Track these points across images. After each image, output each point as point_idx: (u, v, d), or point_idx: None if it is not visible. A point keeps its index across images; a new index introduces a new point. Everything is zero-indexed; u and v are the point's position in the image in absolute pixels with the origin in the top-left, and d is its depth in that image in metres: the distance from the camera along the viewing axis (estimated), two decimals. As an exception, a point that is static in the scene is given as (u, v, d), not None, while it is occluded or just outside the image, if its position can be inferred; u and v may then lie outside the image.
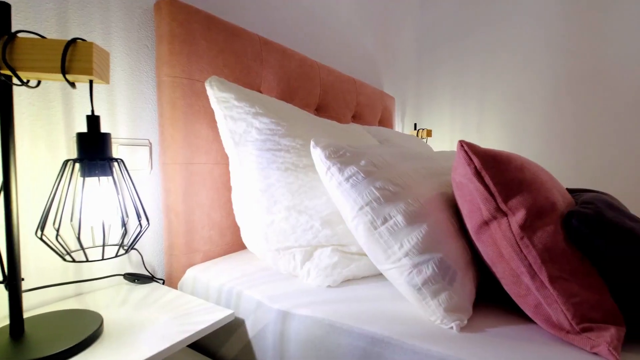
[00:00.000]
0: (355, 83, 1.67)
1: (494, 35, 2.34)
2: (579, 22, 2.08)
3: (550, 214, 0.61)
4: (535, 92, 2.23)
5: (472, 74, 2.44)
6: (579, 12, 2.07)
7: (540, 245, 0.58)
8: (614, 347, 0.51)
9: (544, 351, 0.54)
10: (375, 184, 0.67)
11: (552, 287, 0.56)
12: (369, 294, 0.75)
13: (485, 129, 2.41)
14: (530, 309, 0.59)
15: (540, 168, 0.70)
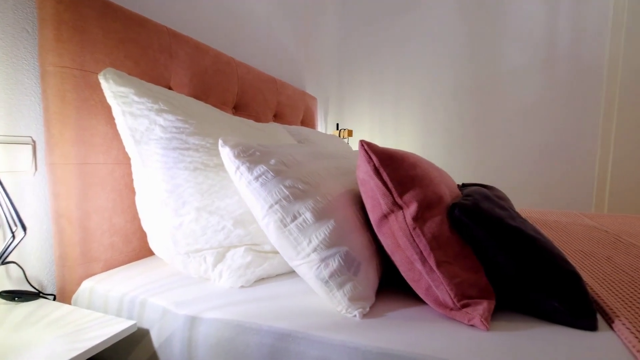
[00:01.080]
0: (276, 82, 1.68)
1: (406, 43, 2.53)
2: (476, 36, 2.36)
3: (437, 206, 0.68)
4: (441, 97, 2.48)
5: (388, 78, 2.61)
6: (477, 28, 2.35)
7: (429, 235, 0.64)
8: (485, 318, 0.59)
9: (431, 327, 0.60)
10: (284, 183, 0.69)
11: (438, 271, 0.62)
12: (281, 291, 0.76)
13: (401, 128, 2.60)
14: (423, 291, 0.66)
15: (430, 165, 0.79)
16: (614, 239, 1.19)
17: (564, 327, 0.61)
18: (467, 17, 2.37)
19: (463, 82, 2.42)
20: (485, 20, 2.33)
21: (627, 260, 0.95)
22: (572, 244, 1.14)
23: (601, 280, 0.80)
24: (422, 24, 2.48)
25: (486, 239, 0.65)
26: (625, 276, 0.83)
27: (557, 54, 2.21)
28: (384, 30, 2.59)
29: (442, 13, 2.42)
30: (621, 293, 0.73)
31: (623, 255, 1.00)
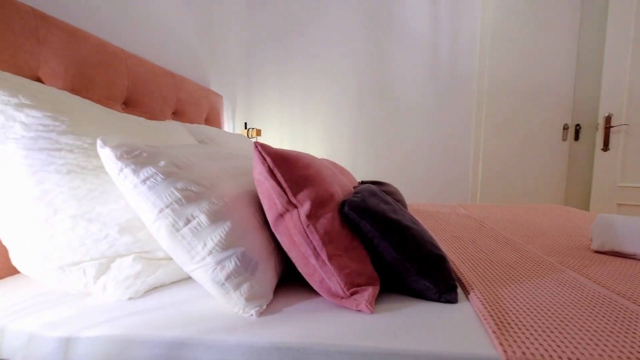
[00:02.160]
0: (174, 77, 1.58)
1: (313, 45, 2.62)
2: (375, 47, 2.56)
3: (329, 203, 0.73)
4: (346, 102, 2.63)
5: (296, 78, 2.67)
6: (375, 40, 2.55)
7: (322, 230, 0.69)
8: (370, 302, 0.66)
9: (324, 317, 0.64)
10: (176, 185, 0.66)
11: (330, 264, 0.67)
12: (176, 298, 0.73)
13: (310, 129, 2.68)
14: (317, 284, 0.70)
15: (324, 165, 0.84)
16: (479, 225, 1.42)
17: (434, 302, 0.71)
18: (366, 29, 2.56)
19: (365, 88, 2.60)
20: (382, 33, 2.55)
21: (486, 242, 1.15)
22: (448, 230, 1.33)
23: (465, 259, 0.96)
24: (326, 36, 2.59)
25: (371, 231, 0.72)
26: (483, 255, 1.00)
27: (439, 65, 2.53)
28: (291, 37, 2.64)
29: (344, 25, 2.57)
30: (479, 269, 0.88)
31: (484, 238, 1.21)
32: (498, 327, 0.58)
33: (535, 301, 0.69)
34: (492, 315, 0.62)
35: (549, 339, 0.55)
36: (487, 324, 0.60)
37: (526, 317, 0.63)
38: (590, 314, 0.64)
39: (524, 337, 0.56)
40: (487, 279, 0.81)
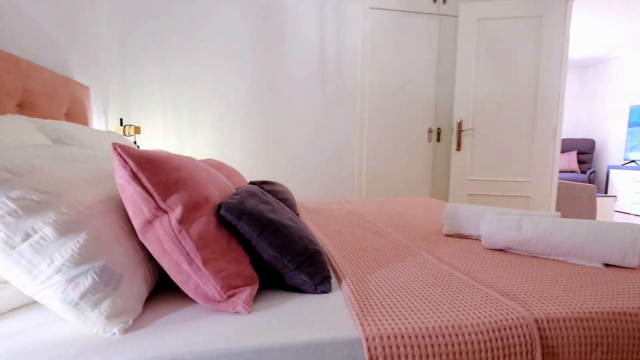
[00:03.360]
0: (19, 63, 1.31)
1: (199, 40, 2.49)
2: (268, 52, 2.56)
3: (204, 206, 0.71)
4: (239, 104, 2.57)
5: (183, 74, 2.49)
6: (267, 45, 2.56)
7: (195, 235, 0.66)
8: (247, 303, 0.67)
9: (199, 324, 0.63)
10: (9, 194, 0.55)
11: (205, 269, 0.65)
12: (13, 329, 0.61)
13: (199, 129, 2.54)
14: (192, 291, 0.67)
15: (200, 166, 0.81)
16: (360, 218, 1.56)
17: (311, 294, 0.76)
18: (257, 29, 2.54)
19: (256, 89, 2.59)
20: (273, 35, 2.57)
21: (363, 233, 1.27)
22: (333, 225, 1.43)
23: (343, 250, 1.04)
24: (215, 33, 2.49)
25: (249, 231, 0.73)
26: (359, 245, 1.11)
27: (328, 73, 2.68)
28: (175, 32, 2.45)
29: (234, 23, 2.51)
30: (353, 259, 0.97)
31: (362, 230, 1.33)
32: (361, 310, 0.66)
33: (394, 282, 0.79)
34: (357, 300, 0.70)
35: (400, 314, 0.64)
36: (352, 308, 0.66)
37: (386, 297, 0.72)
38: (434, 287, 0.76)
39: (381, 315, 0.64)
40: (359, 267, 0.90)
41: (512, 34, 2.59)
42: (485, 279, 0.83)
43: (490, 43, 2.63)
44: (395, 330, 0.59)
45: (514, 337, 0.62)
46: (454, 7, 2.84)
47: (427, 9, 2.80)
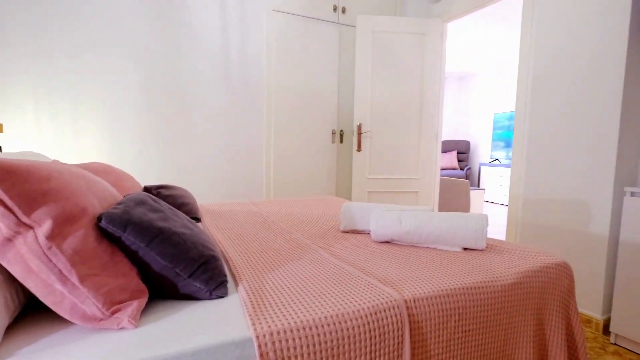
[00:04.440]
0: None
1: (83, 28, 2.20)
2: (165, 46, 2.39)
3: (81, 218, 0.66)
4: (130, 102, 2.34)
5: (62, 66, 2.17)
6: (164, 39, 2.38)
7: (70, 251, 0.61)
8: (134, 317, 0.64)
9: (77, 347, 0.58)
10: None
11: (83, 286, 0.61)
12: None
13: (81, 128, 2.25)
14: (67, 312, 0.61)
15: (76, 174, 0.74)
16: (264, 220, 1.59)
17: (207, 300, 0.76)
18: (152, 21, 2.36)
19: (153, 86, 2.40)
20: (173, 31, 2.41)
21: (265, 235, 1.30)
22: (236, 227, 1.42)
23: (244, 253, 1.06)
24: (104, 27, 2.23)
25: (135, 242, 0.70)
26: (260, 247, 1.13)
27: (233, 71, 2.63)
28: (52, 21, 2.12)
29: (127, 18, 2.28)
30: (253, 260, 0.99)
31: (265, 231, 1.36)
32: (254, 310, 0.68)
33: (289, 280, 0.84)
34: (252, 301, 0.72)
35: (290, 310, 0.69)
36: (246, 309, 0.69)
37: (279, 295, 0.76)
38: (324, 281, 0.83)
39: (273, 313, 0.68)
40: (258, 268, 0.92)
41: (402, 47, 2.90)
42: (369, 269, 0.93)
43: (384, 53, 2.90)
44: (285, 325, 0.64)
45: (388, 317, 0.72)
46: (352, 17, 3.05)
47: (328, 17, 2.95)
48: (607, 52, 1.70)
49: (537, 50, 2.03)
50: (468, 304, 0.83)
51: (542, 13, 2.00)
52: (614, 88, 1.68)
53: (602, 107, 1.73)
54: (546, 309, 0.97)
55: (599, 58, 1.73)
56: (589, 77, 1.78)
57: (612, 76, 1.68)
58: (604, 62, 1.71)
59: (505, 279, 0.90)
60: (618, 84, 1.66)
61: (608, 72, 1.70)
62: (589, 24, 1.77)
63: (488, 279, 0.88)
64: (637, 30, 1.65)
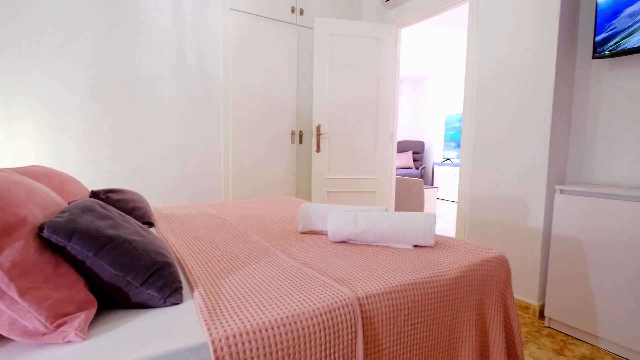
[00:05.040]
0: None
1: (19, 39, 2.02)
2: (113, 40, 2.26)
3: (20, 229, 0.62)
4: (73, 99, 2.19)
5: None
6: (112, 32, 2.25)
7: (7, 264, 0.58)
8: (81, 329, 0.62)
9: (16, 365, 0.55)
10: None
11: (23, 300, 0.58)
12: None
13: (15, 129, 2.07)
14: (6, 328, 0.58)
15: (13, 181, 0.70)
16: (221, 223, 1.57)
17: (161, 308, 0.75)
18: (102, 26, 2.22)
19: (104, 86, 2.27)
20: (123, 31, 2.29)
21: (223, 238, 1.29)
22: (193, 231, 1.39)
23: (200, 258, 1.05)
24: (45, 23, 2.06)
25: (82, 252, 0.67)
26: (217, 251, 1.13)
27: (187, 66, 2.55)
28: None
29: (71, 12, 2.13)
30: (209, 265, 0.98)
31: (223, 235, 1.35)
32: (210, 315, 0.69)
33: (247, 283, 0.85)
34: (207, 306, 0.72)
35: (247, 313, 0.70)
36: (202, 315, 0.69)
37: (236, 299, 0.77)
38: (281, 283, 0.85)
39: (229, 317, 0.69)
40: (214, 273, 0.92)
41: (359, 50, 2.98)
42: (325, 269, 0.96)
43: (342, 56, 2.96)
44: (241, 329, 0.65)
45: (342, 315, 0.76)
46: (310, 19, 3.08)
47: (287, 18, 2.96)
48: (540, 65, 1.88)
49: (482, 58, 2.18)
50: (416, 298, 0.88)
51: (485, 24, 2.16)
52: (545, 96, 1.85)
53: (535, 114, 1.90)
54: (486, 299, 1.06)
55: (533, 70, 1.91)
56: (526, 86, 1.95)
57: (544, 86, 1.86)
58: (538, 73, 1.89)
59: (450, 274, 0.97)
60: (548, 94, 1.84)
61: (541, 82, 1.87)
62: (525, 37, 1.94)
63: (434, 274, 0.95)
64: (564, 44, 1.84)
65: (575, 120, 1.94)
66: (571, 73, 1.91)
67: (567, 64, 1.88)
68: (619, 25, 1.64)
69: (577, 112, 1.93)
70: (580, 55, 1.91)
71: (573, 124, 1.95)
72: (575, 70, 1.93)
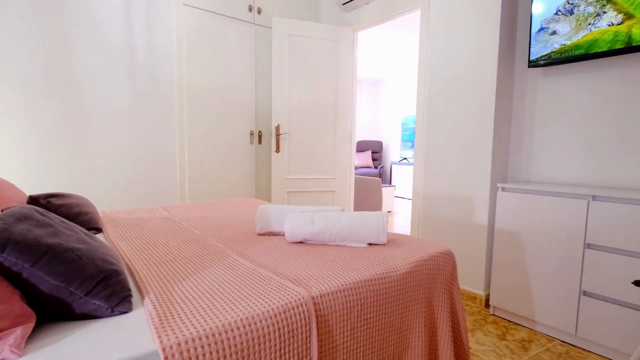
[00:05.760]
0: None
1: None
2: (50, 39, 2.10)
3: (-57, 241, 0.57)
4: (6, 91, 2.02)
5: None
6: (50, 31, 2.09)
7: None
8: (17, 345, 0.58)
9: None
10: None
11: (-52, 318, 0.53)
12: None
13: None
14: None
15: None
16: (176, 226, 1.53)
17: (109, 318, 0.72)
18: (37, 21, 2.06)
19: (38, 87, 2.10)
20: (62, 25, 2.14)
21: (177, 242, 1.26)
22: (145, 236, 1.34)
23: (152, 264, 1.01)
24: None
25: (17, 263, 0.63)
26: (171, 256, 1.10)
27: (137, 65, 2.44)
28: None
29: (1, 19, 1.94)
30: (162, 271, 0.96)
31: (177, 239, 1.31)
32: (161, 322, 0.67)
33: (201, 288, 0.84)
34: (158, 313, 0.71)
35: (200, 317, 0.70)
36: (152, 322, 0.68)
37: (189, 304, 0.76)
38: (236, 286, 0.85)
39: (181, 323, 0.68)
40: (167, 278, 0.90)
41: (317, 51, 3.02)
42: (281, 270, 0.98)
43: (300, 57, 2.98)
44: (193, 334, 0.64)
45: (296, 315, 0.77)
46: (268, 19, 3.07)
47: (244, 16, 2.92)
48: (483, 74, 2.02)
49: (432, 66, 2.30)
50: (369, 294, 0.92)
51: (435, 32, 2.28)
52: (488, 103, 2.00)
53: (480, 119, 2.04)
54: (434, 291, 1.13)
55: (478, 78, 2.05)
56: (471, 93, 2.09)
57: (487, 93, 2.00)
58: (482, 81, 2.03)
59: (400, 269, 1.03)
60: (491, 100, 1.98)
61: (484, 89, 2.01)
62: (470, 47, 2.07)
63: (386, 270, 1.00)
64: (504, 54, 1.99)
65: (514, 124, 2.11)
66: (510, 81, 2.07)
67: (506, 73, 2.03)
68: (547, 39, 1.81)
69: (516, 117, 2.09)
70: (518, 64, 2.08)
71: (513, 128, 2.12)
72: (514, 79, 2.09)
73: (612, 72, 1.72)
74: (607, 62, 1.73)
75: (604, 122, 1.76)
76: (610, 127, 1.74)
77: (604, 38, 1.63)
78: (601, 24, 1.64)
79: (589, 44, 1.68)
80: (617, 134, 1.71)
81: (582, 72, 1.82)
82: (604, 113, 1.75)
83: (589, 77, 1.79)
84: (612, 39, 1.60)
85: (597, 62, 1.76)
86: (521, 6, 2.05)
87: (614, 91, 1.71)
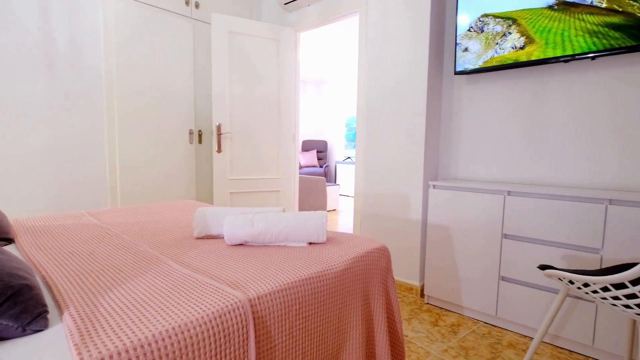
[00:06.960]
0: None
1: None
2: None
3: None
4: None
5: None
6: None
7: None
8: None
9: None
10: None
11: None
12: None
13: None
14: None
15: None
16: (104, 233, 1.42)
17: (19, 338, 0.65)
18: None
19: None
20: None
21: (105, 250, 1.17)
22: (67, 246, 1.23)
23: (75, 276, 0.93)
24: None
25: None
26: (97, 266, 1.02)
27: (57, 58, 2.21)
28: None
29: None
30: (85, 283, 0.89)
31: (105, 246, 1.22)
32: (82, 338, 0.63)
33: (130, 298, 0.80)
34: (79, 328, 0.66)
35: (128, 330, 0.66)
36: (71, 339, 0.63)
37: (116, 317, 0.71)
38: (169, 293, 0.82)
39: (106, 337, 0.64)
40: (92, 290, 0.84)
41: (259, 50, 2.98)
42: (219, 274, 0.96)
43: (241, 55, 2.92)
44: (119, 347, 0.61)
45: (233, 318, 0.77)
46: (207, 14, 2.96)
47: (180, 10, 2.79)
48: (415, 80, 2.16)
49: (370, 70, 2.40)
50: (307, 293, 0.95)
51: (373, 38, 2.38)
52: (420, 107, 2.14)
53: (413, 122, 2.18)
54: (370, 286, 1.19)
55: (410, 84, 2.18)
56: (405, 97, 2.22)
57: (419, 97, 2.14)
58: (414, 86, 2.17)
59: (337, 267, 1.07)
60: (422, 105, 2.13)
61: (416, 94, 2.15)
62: (404, 53, 2.20)
63: (324, 268, 1.03)
64: (434, 62, 2.15)
65: (443, 127, 2.28)
66: (439, 87, 2.24)
67: (436, 79, 2.19)
68: (460, 55, 1.99)
69: (445, 120, 2.27)
70: (446, 72, 2.25)
71: (442, 130, 2.29)
72: (443, 86, 2.27)
73: (521, 82, 1.94)
74: (516, 73, 1.95)
75: (516, 126, 1.98)
76: (521, 130, 1.96)
77: (509, 57, 1.83)
78: (506, 45, 1.84)
79: (498, 60, 1.87)
80: (527, 136, 1.94)
81: (495, 81, 2.03)
82: (515, 118, 1.97)
83: (502, 85, 2.01)
84: (515, 59, 1.81)
85: (508, 73, 1.98)
86: (448, 16, 2.23)
87: (523, 98, 1.94)
